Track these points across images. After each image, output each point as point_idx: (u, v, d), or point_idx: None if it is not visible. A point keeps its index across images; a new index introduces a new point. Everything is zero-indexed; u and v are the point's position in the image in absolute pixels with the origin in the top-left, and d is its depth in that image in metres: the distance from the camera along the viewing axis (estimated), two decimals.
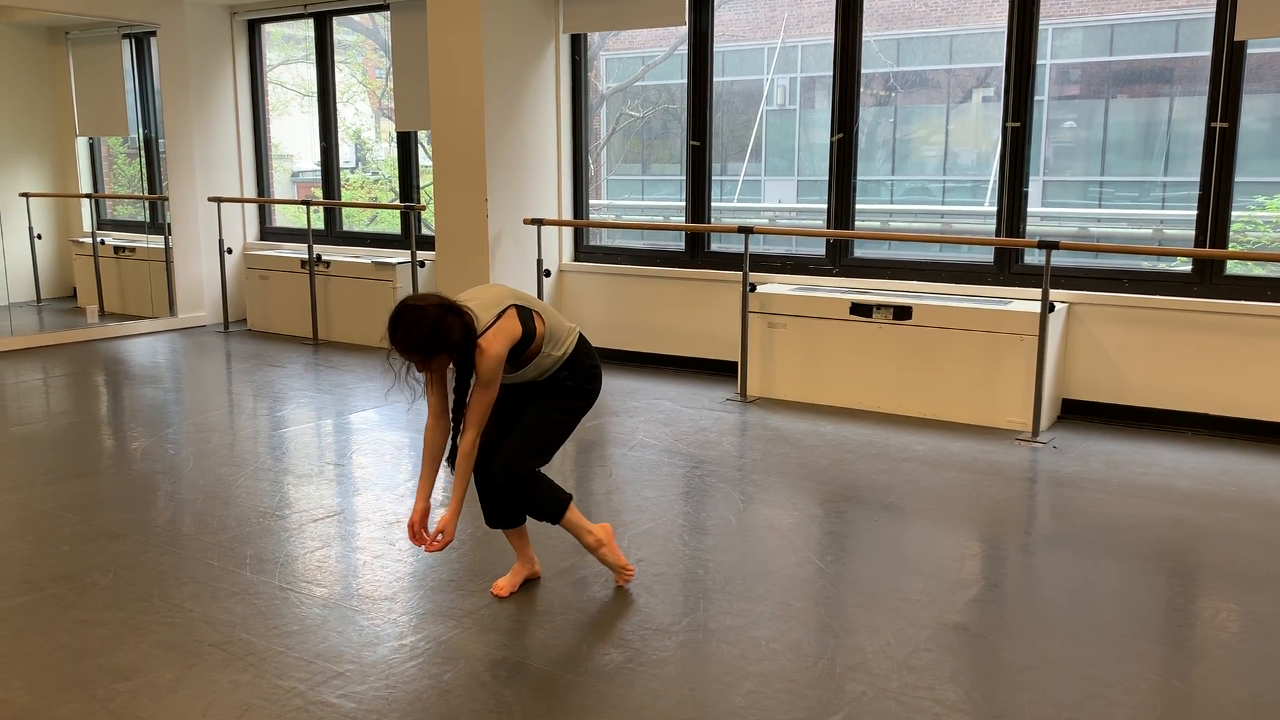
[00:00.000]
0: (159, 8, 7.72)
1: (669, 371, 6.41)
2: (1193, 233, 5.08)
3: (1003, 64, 5.40)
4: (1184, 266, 5.20)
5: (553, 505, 3.09)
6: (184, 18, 7.86)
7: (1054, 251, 4.88)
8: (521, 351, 2.95)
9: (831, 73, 5.87)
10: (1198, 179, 5.02)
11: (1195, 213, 5.05)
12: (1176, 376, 5.02)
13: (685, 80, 6.40)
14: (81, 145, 8.34)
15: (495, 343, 2.84)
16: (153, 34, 7.91)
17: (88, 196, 8.41)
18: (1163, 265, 5.29)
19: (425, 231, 7.57)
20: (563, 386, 3.07)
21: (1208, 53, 4.93)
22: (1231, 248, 5.11)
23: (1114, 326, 5.14)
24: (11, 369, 6.54)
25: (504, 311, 2.90)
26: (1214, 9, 4.88)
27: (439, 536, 2.93)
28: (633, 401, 5.66)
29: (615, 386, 6.03)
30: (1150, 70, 9.43)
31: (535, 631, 2.95)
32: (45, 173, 8.17)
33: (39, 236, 8.19)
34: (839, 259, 5.98)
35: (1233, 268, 5.03)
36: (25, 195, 7.99)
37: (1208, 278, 5.05)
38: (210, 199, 8.04)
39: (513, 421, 3.09)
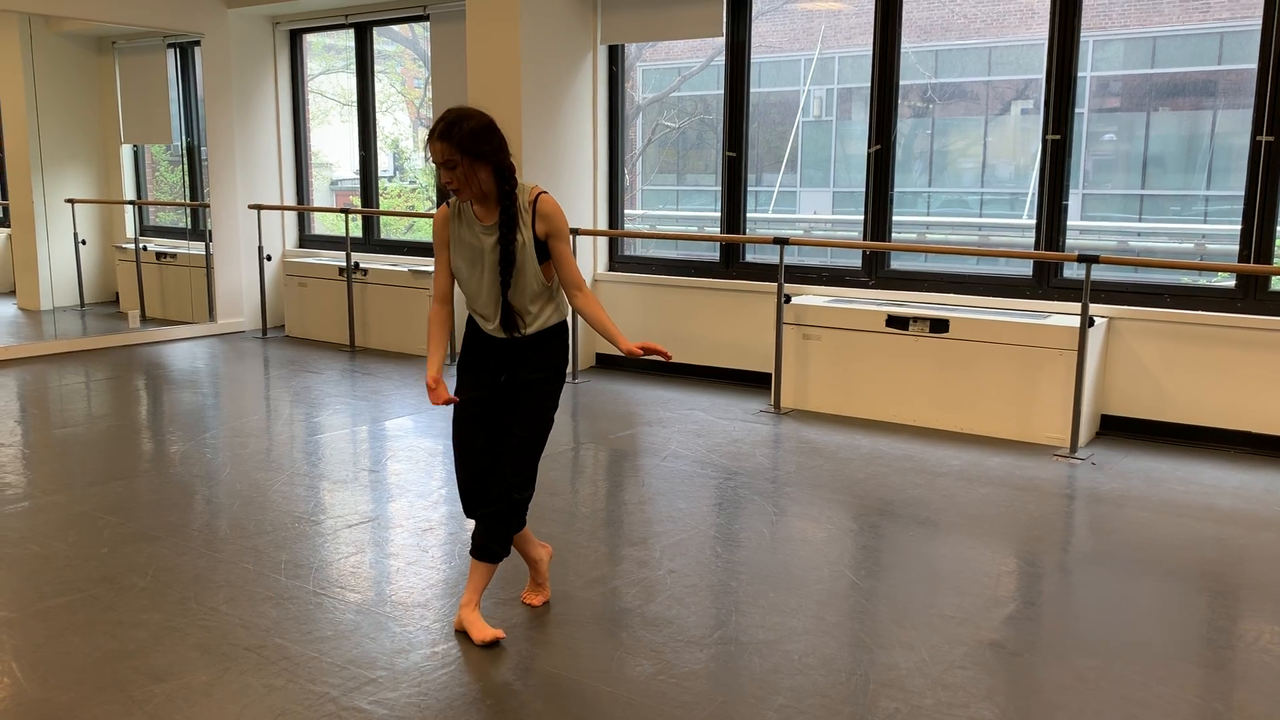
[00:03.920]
0: (203, 18, 7.84)
1: (702, 382, 6.40)
2: (1236, 247, 5.01)
3: (1042, 76, 5.35)
4: (1227, 282, 5.12)
5: (517, 531, 2.96)
6: (227, 28, 7.97)
7: (1094, 266, 4.83)
8: (545, 256, 2.83)
9: (869, 84, 5.84)
10: (1242, 193, 4.95)
11: (1239, 227, 4.98)
12: (1218, 393, 4.94)
13: (721, 91, 6.40)
14: (126, 152, 8.48)
15: (552, 199, 2.82)
16: (197, 44, 8.03)
17: (131, 203, 8.54)
18: (1204, 280, 5.21)
19: None
20: (551, 384, 2.90)
21: (1253, 65, 4.86)
22: (1276, 263, 5.03)
23: (1155, 342, 5.07)
24: (55, 372, 6.64)
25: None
26: (1260, 21, 4.81)
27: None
28: (666, 412, 5.65)
29: (648, 396, 6.03)
30: (1193, 83, 9.31)
31: (567, 641, 2.95)
32: (91, 179, 8.31)
33: (83, 242, 8.33)
34: (875, 271, 5.95)
35: (1277, 283, 4.95)
36: (71, 201, 8.13)
37: (1251, 293, 4.97)
38: (250, 206, 8.14)
39: (497, 426, 2.90)
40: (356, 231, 8.18)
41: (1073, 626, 3.05)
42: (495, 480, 2.88)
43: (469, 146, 2.70)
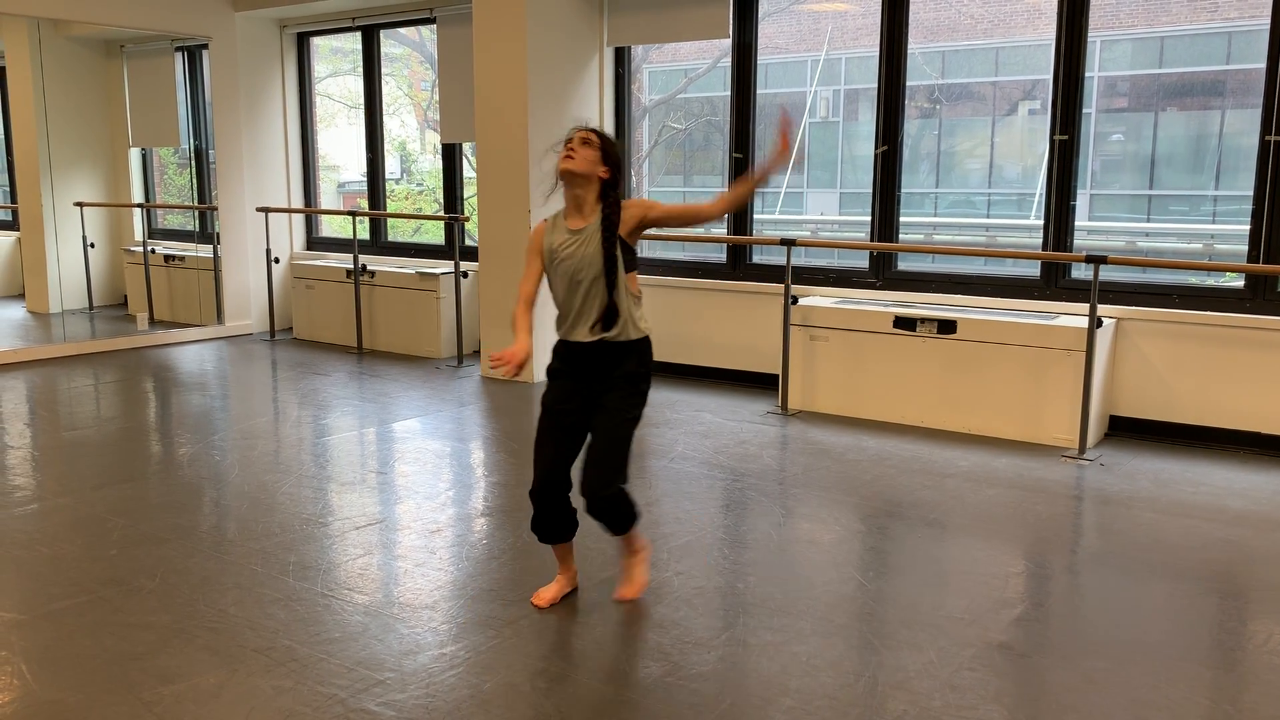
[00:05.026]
0: (211, 21, 7.86)
1: (710, 384, 6.40)
2: (1245, 248, 4.99)
3: (1049, 76, 5.34)
4: (1236, 282, 5.10)
5: (630, 521, 3.14)
6: (235, 31, 8.00)
7: (1102, 266, 4.81)
8: (630, 264, 3.03)
9: (876, 85, 5.84)
10: (1250, 193, 4.93)
11: (1248, 227, 4.96)
12: (1228, 394, 4.93)
13: (728, 92, 6.40)
14: (134, 156, 8.51)
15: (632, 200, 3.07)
16: (204, 47, 8.05)
17: (139, 206, 8.57)
18: (1213, 280, 5.20)
19: (469, 242, 7.62)
20: (633, 388, 3.03)
21: (1262, 65, 4.85)
22: None
23: (1163, 342, 5.06)
24: (64, 375, 6.67)
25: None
26: (1269, 20, 4.80)
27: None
28: (673, 413, 5.65)
29: (655, 398, 6.03)
30: (1201, 83, 9.29)
31: (574, 643, 2.95)
32: (99, 183, 8.34)
33: (92, 245, 8.35)
34: (882, 272, 5.94)
35: None
36: (80, 204, 8.16)
37: (1261, 293, 4.95)
38: (258, 209, 8.16)
39: (578, 432, 3.05)
40: (364, 234, 8.20)
41: (1081, 628, 3.05)
42: (580, 478, 3.03)
43: (609, 145, 3.05)
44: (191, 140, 8.44)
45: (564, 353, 3.07)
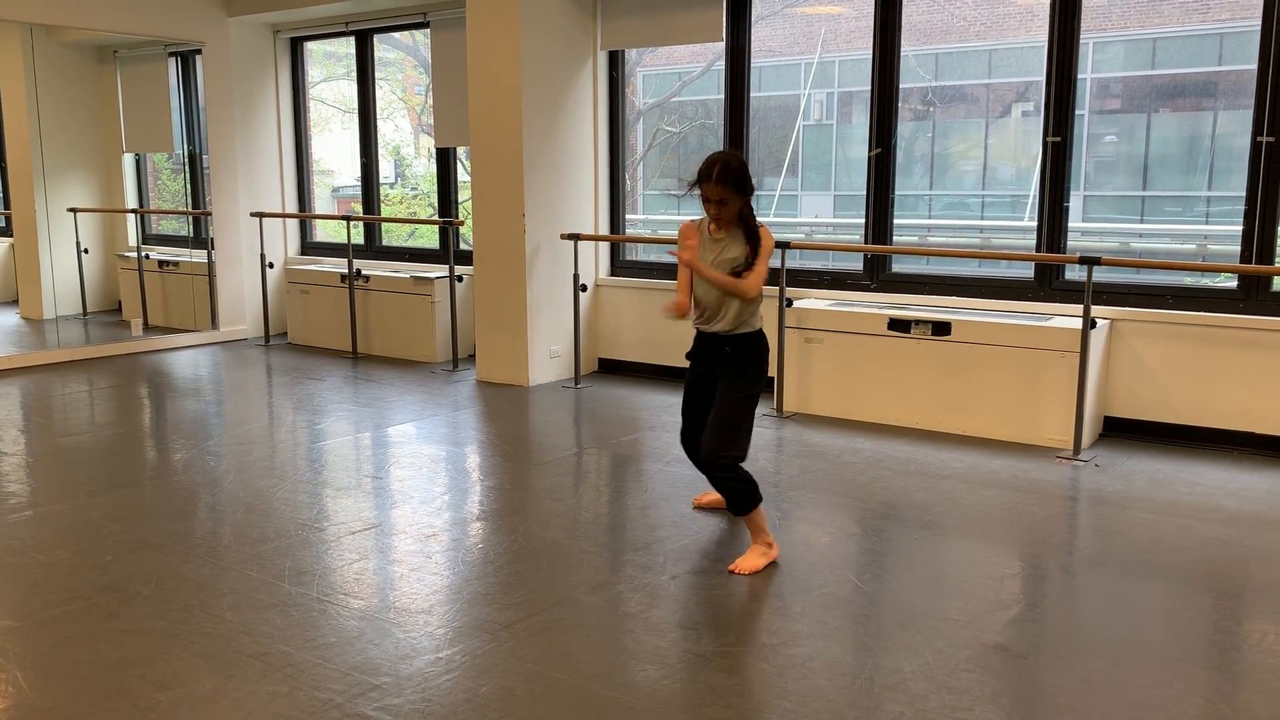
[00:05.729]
0: (204, 27, 7.86)
1: None
2: (1238, 248, 5.01)
3: (1043, 78, 5.36)
4: (1229, 282, 5.12)
5: (747, 504, 3.54)
6: (229, 36, 8.00)
7: (1095, 267, 4.83)
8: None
9: (869, 87, 5.85)
10: (1243, 194, 4.95)
11: (1240, 228, 4.98)
12: (1221, 394, 4.94)
13: (722, 95, 6.41)
14: (128, 161, 8.49)
15: (769, 232, 3.56)
16: (198, 52, 8.05)
17: (133, 212, 8.55)
18: (1206, 281, 5.21)
19: (464, 246, 7.62)
20: (740, 371, 3.54)
21: (1253, 66, 4.86)
22: (1278, 264, 5.03)
23: (1157, 343, 5.07)
24: (58, 381, 6.65)
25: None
26: (1260, 22, 4.81)
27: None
28: (668, 416, 5.65)
29: (651, 402, 6.03)
30: (1193, 84, 9.32)
31: (571, 646, 2.95)
32: (93, 188, 8.32)
33: (86, 251, 8.34)
34: (877, 274, 5.95)
35: (1279, 284, 4.95)
36: (73, 210, 8.15)
37: (1254, 294, 4.97)
38: (252, 214, 8.15)
39: (705, 406, 3.64)
40: (358, 238, 8.19)
41: (1077, 629, 3.05)
42: (701, 445, 3.63)
43: (739, 185, 3.43)
44: (185, 145, 8.43)
45: (696, 340, 3.66)
